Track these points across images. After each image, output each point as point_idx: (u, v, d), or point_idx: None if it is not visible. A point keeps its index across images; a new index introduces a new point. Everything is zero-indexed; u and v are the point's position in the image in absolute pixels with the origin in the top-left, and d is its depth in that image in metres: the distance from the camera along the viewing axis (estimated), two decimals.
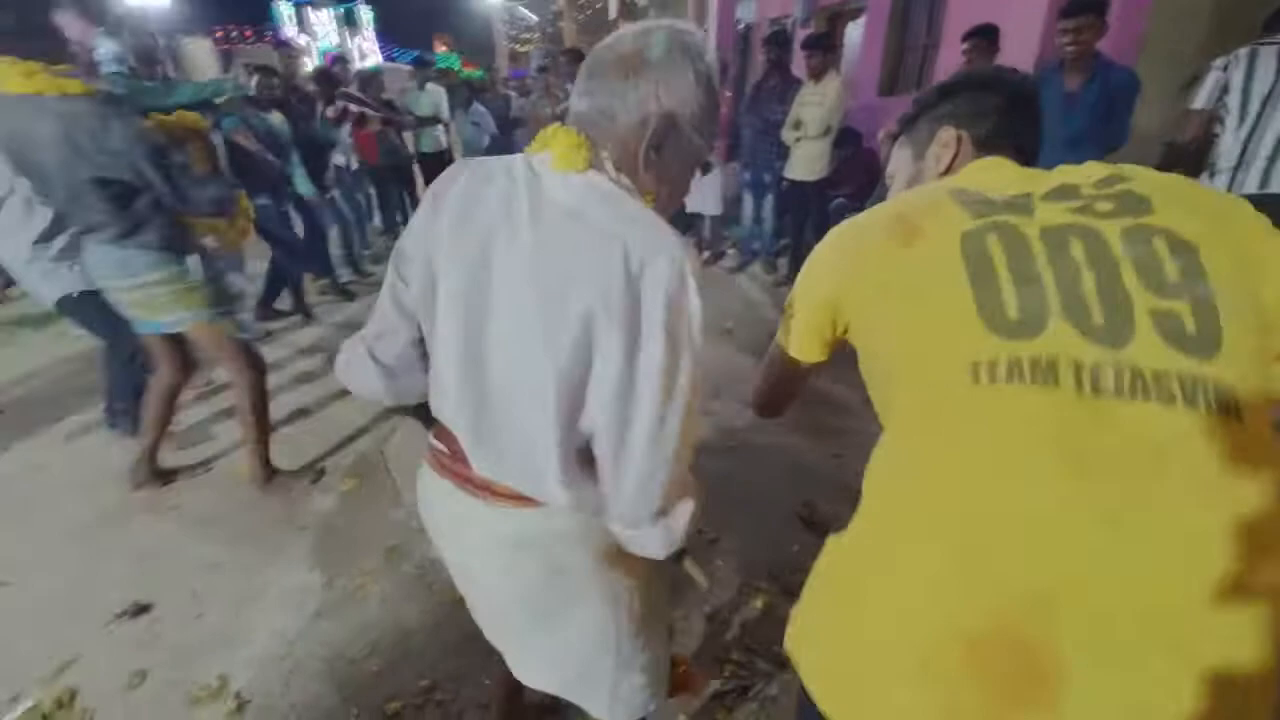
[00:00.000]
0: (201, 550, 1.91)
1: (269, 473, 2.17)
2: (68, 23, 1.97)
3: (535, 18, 17.12)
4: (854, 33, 6.04)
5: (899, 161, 0.87)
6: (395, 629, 1.63)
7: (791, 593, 1.21)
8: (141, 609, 1.70)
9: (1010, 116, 0.76)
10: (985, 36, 3.03)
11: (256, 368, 2.06)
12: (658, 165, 0.72)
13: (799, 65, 3.82)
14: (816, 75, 3.62)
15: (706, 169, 0.80)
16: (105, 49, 1.98)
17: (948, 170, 0.78)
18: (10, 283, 4.16)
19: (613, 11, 11.95)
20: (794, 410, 0.92)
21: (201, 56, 15.64)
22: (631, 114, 0.69)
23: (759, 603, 1.68)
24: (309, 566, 1.84)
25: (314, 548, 1.92)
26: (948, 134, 0.78)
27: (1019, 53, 3.39)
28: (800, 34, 6.06)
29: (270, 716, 1.42)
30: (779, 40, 4.10)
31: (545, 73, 5.50)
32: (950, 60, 4.11)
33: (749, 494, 2.11)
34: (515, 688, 1.17)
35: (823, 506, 2.03)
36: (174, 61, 12.55)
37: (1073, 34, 2.39)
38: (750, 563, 1.82)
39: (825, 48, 3.63)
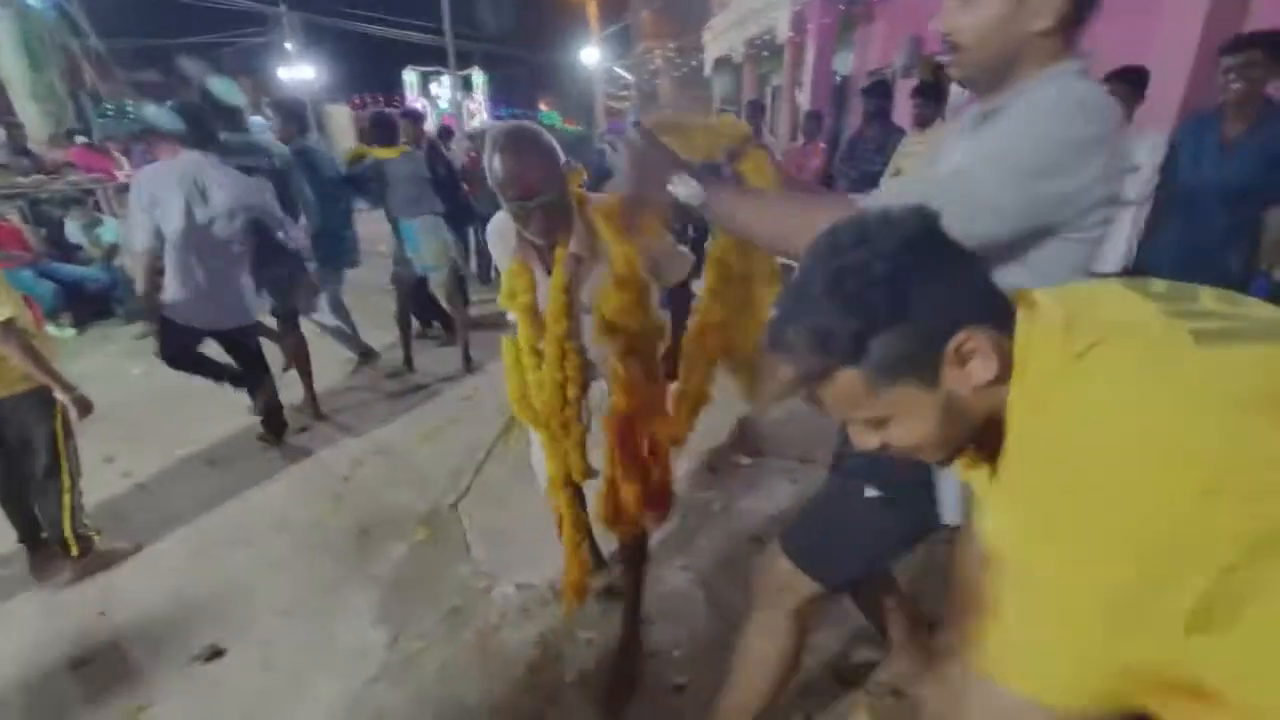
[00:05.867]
0: (275, 597, 1.94)
1: None
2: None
3: (631, 77, 17.99)
4: None
5: None
6: (451, 704, 1.55)
7: None
8: (216, 653, 1.72)
9: None
10: (1128, 82, 2.38)
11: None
12: None
13: (899, 115, 3.66)
14: (924, 124, 3.43)
15: None
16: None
17: None
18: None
19: (708, 69, 12.30)
20: None
21: (341, 120, 17.74)
22: None
23: None
24: (373, 622, 1.81)
25: (381, 600, 1.90)
26: None
27: (1163, 97, 3.04)
28: (902, 84, 5.89)
29: None
30: (880, 90, 3.97)
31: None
32: None
33: None
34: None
35: None
36: (318, 125, 14.33)
37: (1238, 72, 2.07)
38: None
39: (936, 96, 3.46)
